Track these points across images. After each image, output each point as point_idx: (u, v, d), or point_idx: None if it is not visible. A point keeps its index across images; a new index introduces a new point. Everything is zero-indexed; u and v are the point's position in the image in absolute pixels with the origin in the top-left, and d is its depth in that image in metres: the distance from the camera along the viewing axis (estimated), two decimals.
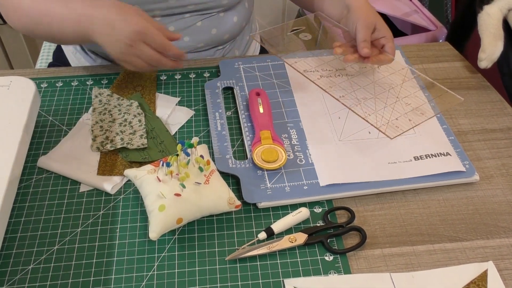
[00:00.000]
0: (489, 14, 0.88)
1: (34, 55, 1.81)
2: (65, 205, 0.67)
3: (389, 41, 0.78)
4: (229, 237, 0.64)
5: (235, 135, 0.77)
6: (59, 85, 0.85)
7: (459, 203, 0.69)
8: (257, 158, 0.70)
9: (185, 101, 0.83)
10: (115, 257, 0.62)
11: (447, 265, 0.62)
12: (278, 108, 0.80)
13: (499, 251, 0.63)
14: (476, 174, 0.71)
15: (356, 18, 0.77)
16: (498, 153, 0.75)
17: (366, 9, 0.78)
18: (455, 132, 0.78)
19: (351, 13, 0.79)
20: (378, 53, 0.79)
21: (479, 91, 0.86)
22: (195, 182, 0.64)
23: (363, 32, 0.76)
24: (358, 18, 0.77)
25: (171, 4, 0.84)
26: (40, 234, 0.64)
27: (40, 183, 0.70)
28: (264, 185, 0.68)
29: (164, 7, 0.84)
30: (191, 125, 0.79)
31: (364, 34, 0.76)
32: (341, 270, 0.61)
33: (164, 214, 0.61)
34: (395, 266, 0.61)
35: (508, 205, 0.68)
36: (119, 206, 0.67)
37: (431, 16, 1.41)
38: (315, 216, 0.67)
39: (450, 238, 0.64)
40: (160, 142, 0.75)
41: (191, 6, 0.86)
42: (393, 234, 0.65)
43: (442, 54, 0.94)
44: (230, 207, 0.65)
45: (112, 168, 0.71)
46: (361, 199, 0.69)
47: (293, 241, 0.63)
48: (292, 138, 0.75)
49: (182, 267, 0.61)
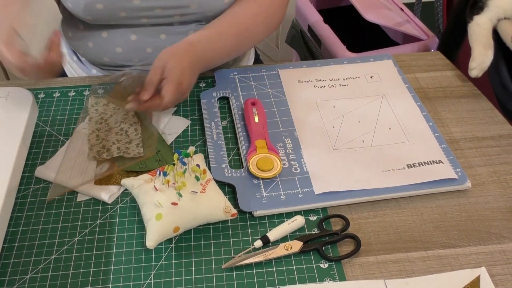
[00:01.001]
0: (479, 24, 0.89)
1: None
2: (63, 215, 0.68)
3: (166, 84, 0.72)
4: (226, 246, 0.65)
5: (230, 144, 0.78)
6: (56, 95, 0.86)
7: (451, 210, 0.70)
8: (253, 167, 0.71)
9: (181, 110, 0.84)
10: (112, 266, 0.62)
11: (440, 271, 0.62)
12: (273, 117, 0.81)
13: (491, 257, 0.64)
14: (468, 182, 0.72)
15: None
16: (490, 161, 0.77)
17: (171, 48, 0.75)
18: (447, 140, 0.79)
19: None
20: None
21: (470, 99, 0.88)
22: (191, 191, 0.65)
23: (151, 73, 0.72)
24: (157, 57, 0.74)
25: (157, 13, 0.84)
26: (38, 243, 0.65)
27: (38, 192, 0.71)
28: (260, 194, 0.69)
29: (151, 15, 0.84)
30: (187, 135, 0.80)
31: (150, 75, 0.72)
32: (336, 277, 0.61)
33: (161, 223, 0.62)
34: (389, 273, 0.62)
35: (500, 212, 0.69)
36: (116, 215, 0.68)
37: (422, 26, 1.43)
38: (310, 224, 0.67)
39: (443, 244, 0.65)
40: (156, 152, 0.76)
41: (177, 17, 0.86)
42: (387, 241, 0.66)
43: (433, 63, 0.96)
44: (226, 216, 0.65)
45: (109, 178, 0.72)
46: (355, 207, 0.70)
47: (288, 248, 0.63)
48: (287, 147, 0.76)
49: (179, 275, 0.61)
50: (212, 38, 0.80)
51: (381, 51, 1.32)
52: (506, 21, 0.89)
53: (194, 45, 0.77)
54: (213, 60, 0.82)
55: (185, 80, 0.73)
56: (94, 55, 0.91)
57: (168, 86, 0.71)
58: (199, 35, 0.79)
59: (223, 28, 0.83)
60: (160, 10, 0.84)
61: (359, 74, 0.90)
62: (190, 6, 0.84)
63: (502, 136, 0.81)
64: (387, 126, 0.80)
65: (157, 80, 0.72)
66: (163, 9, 0.84)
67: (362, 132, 0.78)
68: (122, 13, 0.82)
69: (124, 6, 0.81)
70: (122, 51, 0.89)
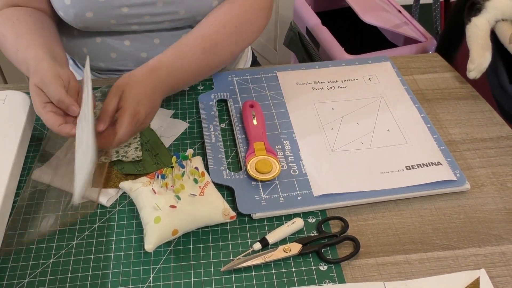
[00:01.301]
0: (477, 25, 0.90)
1: None
2: (60, 217, 0.67)
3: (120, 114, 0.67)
4: (224, 248, 0.64)
5: (229, 147, 0.78)
6: None
7: (451, 212, 0.70)
8: (251, 170, 0.71)
9: (180, 113, 0.84)
10: (110, 269, 0.62)
11: (440, 273, 0.62)
12: (271, 119, 0.81)
13: (491, 259, 0.64)
14: (467, 183, 0.72)
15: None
16: (489, 162, 0.77)
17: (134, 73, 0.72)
18: (446, 141, 0.79)
19: None
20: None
21: (468, 101, 0.88)
22: (190, 194, 0.64)
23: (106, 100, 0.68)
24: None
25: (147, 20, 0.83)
26: (36, 247, 0.64)
27: (35, 195, 0.70)
28: (259, 196, 0.69)
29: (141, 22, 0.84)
30: (185, 137, 0.80)
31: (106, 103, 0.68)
32: (335, 279, 0.61)
33: (159, 226, 0.61)
34: (388, 275, 0.62)
35: (499, 213, 0.69)
36: (114, 218, 0.68)
37: (420, 28, 1.43)
38: (309, 226, 0.67)
39: (443, 246, 0.65)
40: (155, 155, 0.76)
41: (167, 23, 0.85)
42: (386, 243, 0.66)
43: (432, 65, 0.96)
44: (225, 218, 0.65)
45: (107, 181, 0.71)
46: (354, 209, 0.70)
47: (287, 251, 0.63)
48: (285, 149, 0.76)
49: (178, 278, 0.61)
50: (177, 58, 0.76)
51: (379, 53, 1.32)
52: (504, 23, 0.89)
53: (154, 71, 0.73)
54: (179, 82, 0.78)
55: (141, 110, 0.68)
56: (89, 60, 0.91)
57: (122, 119, 0.67)
58: (163, 56, 0.75)
59: (189, 45, 0.78)
60: (149, 17, 0.83)
61: (357, 76, 0.90)
62: (179, 12, 0.83)
63: (501, 138, 0.81)
64: (386, 128, 0.80)
65: (113, 109, 0.68)
66: (152, 15, 0.83)
67: (361, 134, 0.78)
68: (112, 20, 0.82)
69: (113, 14, 0.81)
70: (117, 56, 0.89)
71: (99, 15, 0.81)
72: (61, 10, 0.81)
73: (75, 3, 0.79)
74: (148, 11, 0.82)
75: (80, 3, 0.79)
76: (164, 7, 0.82)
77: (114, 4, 0.80)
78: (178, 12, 0.83)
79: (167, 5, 0.82)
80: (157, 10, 0.82)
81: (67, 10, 0.80)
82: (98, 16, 0.81)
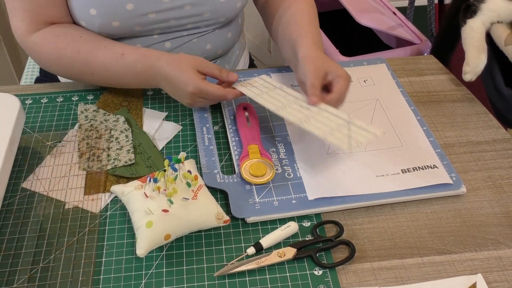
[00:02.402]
0: (472, 27, 0.89)
1: (18, 71, 1.79)
2: (50, 223, 0.66)
3: (340, 80, 0.74)
4: (218, 253, 0.63)
5: (222, 150, 0.77)
6: (44, 101, 0.85)
7: (447, 216, 0.69)
8: (245, 173, 0.70)
9: (172, 116, 0.83)
10: (102, 275, 0.61)
11: (436, 278, 0.61)
12: (265, 122, 0.80)
13: (488, 264, 0.63)
14: (463, 187, 0.71)
15: (304, 66, 0.75)
16: (485, 165, 0.76)
17: (314, 56, 0.76)
18: (442, 144, 0.79)
19: (299, 63, 0.77)
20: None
21: (464, 103, 0.87)
22: (183, 198, 0.63)
23: (311, 78, 0.73)
24: (305, 66, 0.75)
25: (171, 23, 0.85)
26: (25, 252, 0.63)
27: (25, 200, 0.69)
28: (253, 200, 0.68)
29: (164, 26, 0.85)
30: (178, 140, 0.79)
31: (312, 79, 0.73)
32: (330, 284, 0.60)
33: (151, 231, 0.60)
34: (384, 279, 0.61)
35: (495, 217, 0.69)
36: (105, 223, 0.67)
37: (415, 30, 1.42)
38: (304, 230, 0.66)
39: (439, 250, 0.65)
40: (147, 158, 0.74)
41: (190, 25, 0.87)
42: (382, 248, 0.65)
43: (427, 67, 0.95)
44: (219, 222, 0.64)
45: (98, 186, 0.70)
46: (349, 213, 0.69)
47: (282, 255, 0.62)
48: (280, 152, 0.75)
49: (170, 284, 0.60)
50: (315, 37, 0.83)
51: (374, 55, 1.32)
52: (500, 25, 0.89)
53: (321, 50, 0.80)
54: None
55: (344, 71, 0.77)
56: None
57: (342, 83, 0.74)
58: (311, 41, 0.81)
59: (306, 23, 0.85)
60: (174, 20, 0.84)
61: (352, 78, 0.89)
62: (204, 14, 0.85)
63: (497, 141, 0.80)
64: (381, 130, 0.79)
65: (320, 83, 0.74)
66: (177, 19, 0.84)
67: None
68: (137, 27, 0.83)
69: (140, 21, 0.82)
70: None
71: (126, 23, 0.81)
72: (84, 21, 0.80)
73: (101, 13, 0.79)
74: (174, 15, 0.83)
75: (106, 13, 0.79)
76: (191, 10, 0.83)
77: (142, 11, 0.80)
78: (203, 14, 0.85)
79: (194, 8, 0.83)
80: (184, 13, 0.83)
81: (91, 20, 0.80)
82: (124, 24, 0.81)
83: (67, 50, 0.78)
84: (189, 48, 0.90)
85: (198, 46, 0.90)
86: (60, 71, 0.83)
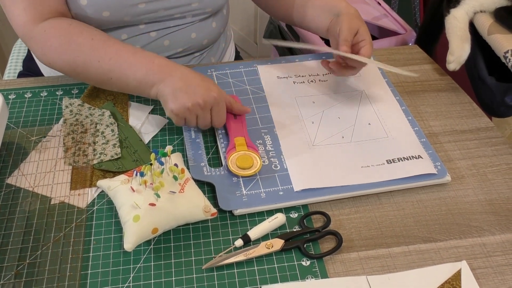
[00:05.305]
0: (456, 17, 0.90)
1: (1, 66, 1.77)
2: (36, 218, 0.66)
3: (367, 44, 0.80)
4: (206, 246, 0.64)
5: (209, 143, 0.77)
6: (27, 96, 0.84)
7: (432, 204, 0.70)
8: (232, 165, 0.70)
9: (158, 109, 0.82)
10: (89, 270, 0.61)
11: (422, 266, 0.62)
12: (252, 114, 0.80)
13: (472, 251, 0.64)
14: (447, 175, 0.72)
15: (340, 22, 0.81)
16: (469, 154, 0.77)
17: (352, 15, 0.82)
18: (426, 134, 0.79)
19: (338, 18, 0.82)
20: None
21: (448, 93, 0.88)
22: (169, 191, 0.63)
23: (345, 33, 0.79)
24: (342, 22, 0.80)
25: (160, 14, 0.85)
26: (11, 248, 0.62)
27: (10, 196, 0.68)
28: (240, 192, 0.68)
29: (152, 16, 0.85)
30: (164, 134, 0.78)
31: (345, 35, 0.79)
32: (318, 274, 0.61)
33: (138, 225, 0.60)
34: (371, 268, 0.62)
35: (479, 205, 0.70)
36: (92, 217, 0.66)
37: (400, 20, 1.43)
38: (291, 221, 0.67)
39: (424, 239, 0.65)
40: (133, 152, 0.74)
41: (177, 15, 0.87)
42: (368, 237, 0.65)
43: (412, 57, 0.96)
44: (206, 215, 0.64)
45: (85, 180, 0.70)
46: (336, 203, 0.69)
47: (270, 247, 0.63)
48: (266, 144, 0.75)
49: (159, 277, 0.60)
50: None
51: None
52: (483, 14, 0.89)
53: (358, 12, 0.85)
54: None
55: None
56: None
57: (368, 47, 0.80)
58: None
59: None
60: (163, 10, 0.85)
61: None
62: (192, 4, 0.86)
63: (480, 129, 0.81)
64: (367, 121, 0.79)
65: (351, 40, 0.80)
66: (166, 9, 0.85)
67: (342, 128, 0.78)
68: (126, 17, 0.83)
69: (130, 11, 0.82)
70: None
71: (116, 13, 0.81)
72: (75, 10, 0.81)
73: (92, 3, 0.79)
74: (163, 5, 0.84)
75: (97, 3, 0.79)
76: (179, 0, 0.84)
77: (132, 1, 0.81)
78: (190, 4, 0.86)
79: None
80: (172, 3, 0.84)
81: (82, 10, 0.80)
82: (115, 14, 0.81)
83: (80, 36, 0.76)
84: (175, 37, 0.89)
85: (183, 35, 0.90)
86: (62, 59, 0.77)
